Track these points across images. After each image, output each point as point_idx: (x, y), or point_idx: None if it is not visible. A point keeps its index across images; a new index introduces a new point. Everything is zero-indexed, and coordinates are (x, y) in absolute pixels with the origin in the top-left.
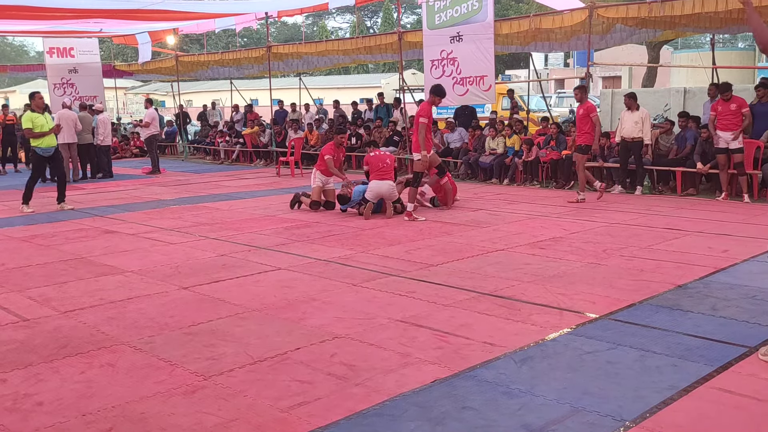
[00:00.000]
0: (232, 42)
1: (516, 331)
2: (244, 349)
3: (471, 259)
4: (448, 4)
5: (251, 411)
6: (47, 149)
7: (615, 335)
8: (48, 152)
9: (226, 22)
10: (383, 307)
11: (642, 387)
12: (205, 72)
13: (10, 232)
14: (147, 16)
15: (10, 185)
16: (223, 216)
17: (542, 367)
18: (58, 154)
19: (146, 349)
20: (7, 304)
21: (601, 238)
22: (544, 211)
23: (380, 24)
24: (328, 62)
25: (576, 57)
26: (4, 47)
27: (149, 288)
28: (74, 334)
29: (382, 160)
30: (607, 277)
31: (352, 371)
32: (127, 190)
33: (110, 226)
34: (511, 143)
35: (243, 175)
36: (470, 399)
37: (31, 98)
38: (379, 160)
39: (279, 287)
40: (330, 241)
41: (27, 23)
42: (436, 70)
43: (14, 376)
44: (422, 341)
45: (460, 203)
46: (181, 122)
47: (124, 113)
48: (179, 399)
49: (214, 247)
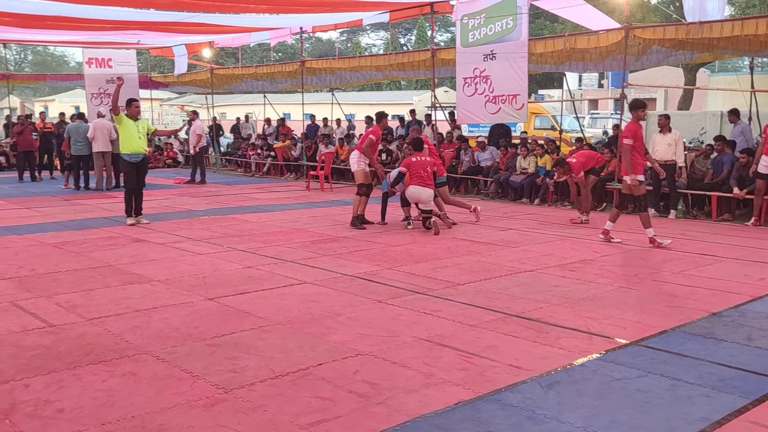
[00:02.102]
0: (266, 56)
1: (543, 354)
2: (266, 362)
3: (499, 279)
4: (482, 22)
5: (270, 426)
6: (133, 156)
7: (646, 362)
8: (135, 159)
9: (261, 36)
10: (408, 325)
11: (673, 417)
12: (239, 85)
13: (42, 238)
14: (184, 28)
15: (45, 192)
16: (251, 228)
17: (569, 393)
18: (145, 163)
19: (169, 360)
20: (35, 310)
21: (633, 262)
22: (575, 232)
23: (414, 41)
24: (361, 78)
25: (610, 78)
26: (46, 57)
27: (175, 298)
28: (98, 341)
29: (423, 167)
30: (638, 302)
31: (374, 389)
32: (158, 200)
33: (140, 235)
34: (542, 163)
35: (273, 188)
36: (494, 423)
37: (128, 105)
38: (421, 166)
39: (304, 301)
40: (357, 257)
41: (67, 34)
42: (468, 87)
43: (37, 381)
44: (447, 361)
45: (487, 221)
46: (214, 134)
47: (159, 124)
48: (199, 411)
49: (241, 258)
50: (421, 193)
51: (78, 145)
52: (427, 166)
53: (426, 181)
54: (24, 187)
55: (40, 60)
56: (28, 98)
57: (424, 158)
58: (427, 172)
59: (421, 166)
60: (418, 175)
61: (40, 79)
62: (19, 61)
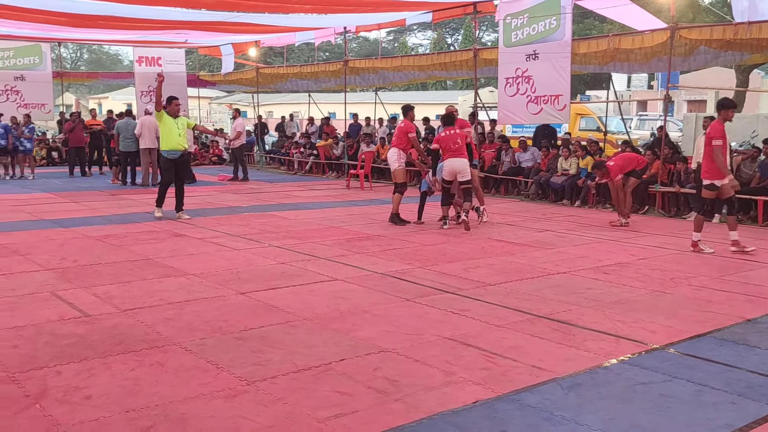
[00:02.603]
0: (313, 56)
1: (568, 356)
2: (290, 356)
3: (531, 280)
4: (525, 22)
5: (288, 419)
6: (172, 152)
7: (672, 367)
8: (173, 155)
9: (305, 36)
10: (434, 323)
11: (695, 423)
12: (284, 84)
13: (86, 231)
14: (230, 28)
15: (92, 186)
16: (288, 225)
17: (590, 395)
18: (185, 159)
19: (196, 351)
20: (73, 299)
21: (670, 266)
22: (614, 235)
23: (461, 41)
24: (404, 77)
25: (660, 79)
26: (101, 55)
27: (208, 291)
28: (130, 332)
29: (453, 140)
30: (671, 307)
31: (394, 386)
32: (201, 196)
33: (180, 230)
34: (584, 164)
35: (314, 186)
36: (510, 423)
37: (168, 103)
38: (451, 140)
39: (333, 298)
40: (389, 255)
41: (118, 33)
42: (510, 87)
43: (69, 369)
44: (469, 360)
45: (525, 222)
46: (259, 132)
47: (208, 122)
48: (220, 402)
49: (276, 254)
50: (454, 163)
51: (126, 141)
52: (457, 138)
53: (457, 153)
54: (73, 181)
55: (95, 58)
56: (83, 96)
57: (453, 131)
58: (457, 144)
59: (451, 139)
60: (449, 149)
61: (93, 77)
62: (75, 59)
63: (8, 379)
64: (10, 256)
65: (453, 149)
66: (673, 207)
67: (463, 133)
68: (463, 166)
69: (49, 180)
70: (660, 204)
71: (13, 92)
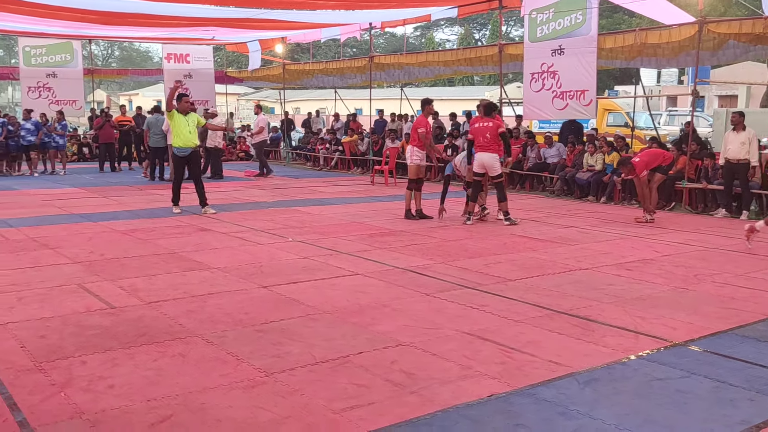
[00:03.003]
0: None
1: (586, 351)
2: (309, 349)
3: (552, 276)
4: (551, 17)
5: (305, 410)
6: (182, 149)
7: (691, 363)
8: (183, 152)
9: (331, 32)
10: (452, 318)
11: (711, 419)
12: (311, 80)
13: (114, 225)
14: (257, 24)
15: (122, 182)
16: (312, 220)
17: (606, 391)
18: (195, 156)
19: (217, 343)
20: (99, 292)
21: (695, 263)
22: (638, 231)
23: (488, 36)
24: (430, 73)
25: (690, 73)
26: (131, 52)
27: (230, 285)
28: (154, 324)
29: (482, 133)
30: (693, 303)
31: (410, 379)
32: (227, 192)
33: (205, 225)
34: (610, 160)
35: (339, 181)
36: (525, 417)
37: (178, 100)
38: (480, 133)
39: (353, 292)
40: (411, 250)
41: (147, 30)
42: (535, 83)
43: (94, 359)
44: (486, 355)
45: (549, 218)
46: (285, 129)
47: (236, 118)
48: (239, 393)
49: (298, 249)
50: (482, 157)
51: (155, 137)
52: (487, 131)
53: (486, 148)
54: (103, 177)
55: (126, 55)
56: (114, 92)
57: (485, 123)
58: (486, 137)
59: (480, 132)
60: (478, 142)
61: (123, 74)
62: (106, 56)
63: (35, 368)
64: (40, 249)
65: (481, 143)
66: (700, 203)
67: (492, 127)
68: (490, 161)
69: (79, 175)
70: (687, 200)
71: (46, 89)
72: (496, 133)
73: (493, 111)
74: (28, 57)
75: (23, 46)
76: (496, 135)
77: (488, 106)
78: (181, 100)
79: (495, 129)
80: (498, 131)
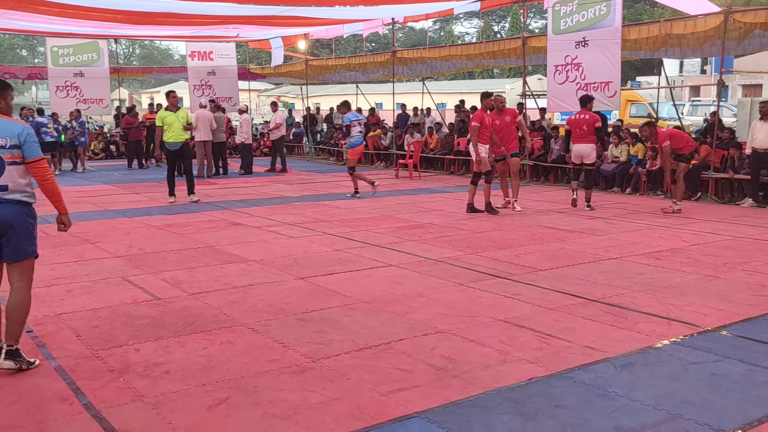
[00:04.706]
0: (360, 47)
1: (620, 337)
2: (350, 336)
3: (582, 265)
4: (574, 9)
5: (353, 392)
6: (172, 144)
7: (724, 348)
8: (173, 147)
9: (354, 28)
10: (487, 307)
11: (746, 400)
12: (333, 76)
13: (149, 220)
14: (280, 21)
15: (150, 178)
16: (340, 214)
17: (642, 374)
18: (184, 150)
19: (262, 331)
20: (144, 284)
21: (723, 252)
22: (665, 221)
23: (508, 29)
24: (452, 67)
25: (713, 63)
26: (152, 50)
27: (269, 277)
28: (200, 313)
29: (579, 125)
30: (723, 291)
31: (451, 364)
32: (254, 187)
33: (237, 219)
34: (634, 151)
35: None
36: (565, 398)
37: (166, 97)
38: (576, 125)
39: (388, 282)
40: (441, 242)
41: (172, 29)
42: (559, 75)
43: (146, 347)
44: (522, 341)
45: (575, 209)
46: (308, 124)
47: (257, 114)
48: (288, 377)
49: (330, 242)
50: (580, 148)
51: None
52: (583, 124)
53: (583, 138)
54: (132, 173)
55: (147, 54)
56: (136, 90)
57: (583, 116)
58: (582, 129)
59: (576, 124)
60: (576, 134)
61: (147, 72)
62: (128, 55)
63: (92, 356)
64: (81, 244)
65: (578, 134)
66: (726, 193)
67: (589, 120)
68: (588, 151)
69: (108, 173)
70: (713, 190)
71: (73, 88)
72: (592, 126)
73: (589, 102)
74: (56, 57)
75: (51, 46)
76: (592, 127)
77: (582, 99)
78: (169, 96)
79: (592, 122)
80: (595, 125)
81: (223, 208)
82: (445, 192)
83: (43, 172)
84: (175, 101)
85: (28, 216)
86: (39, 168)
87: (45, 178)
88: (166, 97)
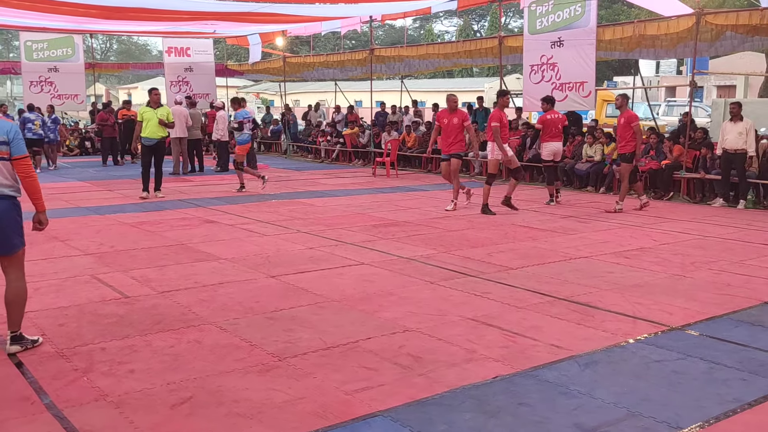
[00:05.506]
0: (339, 44)
1: (586, 336)
2: (319, 335)
3: (552, 264)
4: (550, 9)
5: (318, 391)
6: (148, 139)
7: (686, 346)
8: (149, 142)
9: (332, 25)
10: (457, 305)
11: (705, 398)
12: (311, 73)
13: (122, 218)
14: (257, 18)
15: (125, 175)
16: (316, 212)
17: (605, 372)
18: (160, 146)
19: (230, 330)
20: (113, 283)
21: (692, 251)
22: (637, 221)
23: (487, 28)
24: (430, 65)
25: (689, 64)
26: (130, 46)
27: (240, 275)
28: (168, 312)
29: (554, 124)
30: (689, 290)
31: (417, 362)
32: (230, 184)
33: (211, 217)
34: (608, 151)
35: (340, 174)
36: (527, 396)
37: (149, 93)
38: (553, 124)
39: (360, 281)
40: (415, 241)
41: (148, 24)
42: (535, 75)
43: (112, 345)
44: (489, 339)
45: (549, 208)
46: (285, 121)
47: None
48: (254, 376)
49: (304, 240)
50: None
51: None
52: (559, 123)
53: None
54: (107, 170)
55: (125, 49)
56: (113, 86)
57: (557, 115)
58: (558, 129)
59: (553, 123)
60: (551, 133)
61: (123, 68)
62: (104, 50)
63: (57, 355)
64: (51, 241)
65: (553, 133)
66: (698, 193)
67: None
68: (561, 149)
69: (83, 169)
70: (685, 190)
71: (48, 83)
72: (562, 125)
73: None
74: (30, 52)
75: (25, 40)
76: (562, 126)
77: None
78: (151, 93)
79: (563, 121)
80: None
81: (197, 206)
82: (422, 190)
83: (27, 168)
84: (157, 98)
85: (15, 209)
86: (24, 165)
87: (29, 174)
88: (149, 93)
